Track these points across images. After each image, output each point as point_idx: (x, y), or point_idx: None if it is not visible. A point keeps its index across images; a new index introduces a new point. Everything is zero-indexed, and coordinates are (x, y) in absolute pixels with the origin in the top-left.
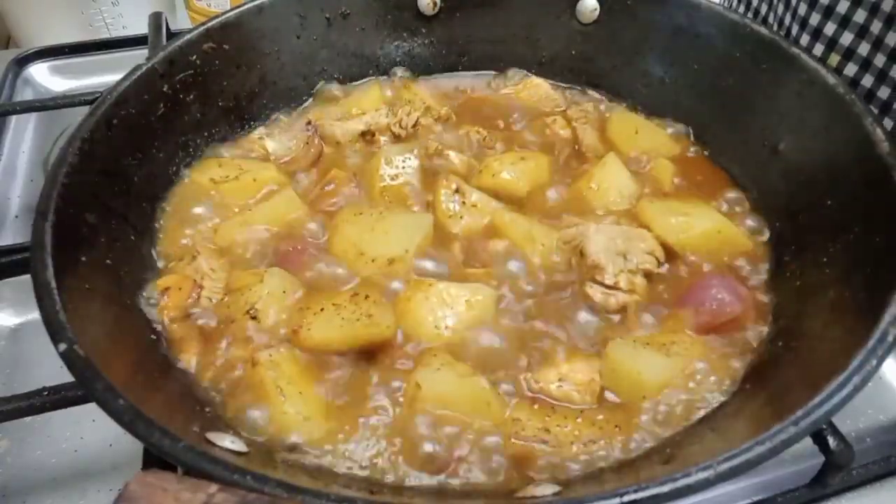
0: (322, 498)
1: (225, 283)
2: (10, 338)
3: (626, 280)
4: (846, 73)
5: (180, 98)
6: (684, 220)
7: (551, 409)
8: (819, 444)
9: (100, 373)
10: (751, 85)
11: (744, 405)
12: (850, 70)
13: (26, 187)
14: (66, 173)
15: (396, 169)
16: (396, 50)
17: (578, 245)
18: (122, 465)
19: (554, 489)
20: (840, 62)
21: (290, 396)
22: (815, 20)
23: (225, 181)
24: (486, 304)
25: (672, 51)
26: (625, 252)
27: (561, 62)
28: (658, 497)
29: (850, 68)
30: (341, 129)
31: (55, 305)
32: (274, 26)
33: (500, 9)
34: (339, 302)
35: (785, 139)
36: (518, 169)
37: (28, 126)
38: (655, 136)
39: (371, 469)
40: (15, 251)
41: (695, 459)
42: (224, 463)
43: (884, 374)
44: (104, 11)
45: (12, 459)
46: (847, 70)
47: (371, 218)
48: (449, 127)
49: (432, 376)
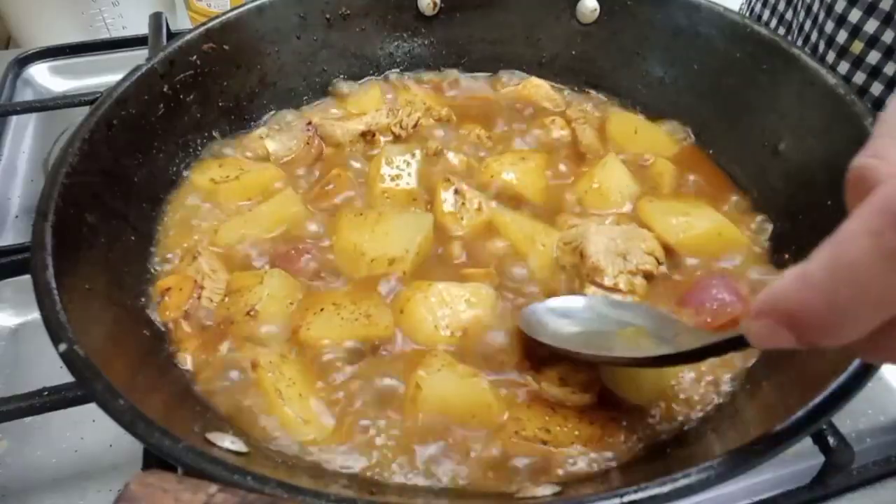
0: (322, 498)
1: (225, 283)
2: (10, 338)
3: (625, 281)
4: (868, 60)
5: (180, 98)
6: (684, 221)
7: (552, 409)
8: (819, 444)
9: (100, 373)
10: (751, 85)
11: (744, 405)
12: (874, 57)
13: (26, 187)
14: (66, 173)
15: (397, 169)
16: (397, 50)
17: (578, 246)
18: (122, 465)
19: (554, 489)
20: (863, 49)
21: (289, 399)
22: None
23: (225, 181)
24: (487, 305)
25: (672, 51)
26: (625, 253)
27: (561, 62)
28: (658, 497)
29: (874, 55)
30: (342, 129)
31: (55, 305)
32: (274, 27)
33: (500, 9)
34: (338, 302)
35: (785, 139)
36: (518, 169)
37: (28, 126)
38: (655, 136)
39: (371, 469)
40: (15, 251)
41: (695, 459)
42: (224, 463)
43: (884, 375)
44: (104, 12)
45: (12, 459)
46: (870, 58)
47: (371, 218)
48: (449, 127)
49: (432, 377)
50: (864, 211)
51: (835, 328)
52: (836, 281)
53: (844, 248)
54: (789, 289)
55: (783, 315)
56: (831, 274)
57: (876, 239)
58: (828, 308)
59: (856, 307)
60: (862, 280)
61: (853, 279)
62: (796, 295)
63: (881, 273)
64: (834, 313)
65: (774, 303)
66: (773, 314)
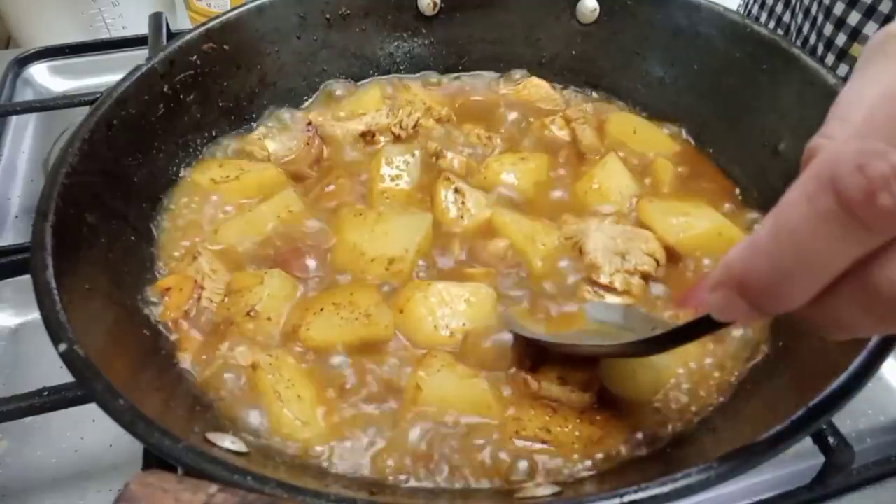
0: (322, 498)
1: (226, 283)
2: (10, 338)
3: (621, 280)
4: None
5: (180, 98)
6: (684, 220)
7: (552, 409)
8: (819, 444)
9: (100, 373)
10: (751, 85)
11: (744, 405)
12: None
13: (26, 187)
14: (66, 173)
15: (397, 169)
16: (397, 50)
17: (578, 242)
18: (122, 465)
19: (554, 489)
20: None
21: (288, 400)
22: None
23: (225, 181)
24: (486, 304)
25: (672, 51)
26: (624, 252)
27: (561, 62)
28: (658, 497)
29: None
30: (342, 129)
31: (55, 305)
32: (274, 27)
33: (500, 9)
34: (338, 302)
35: (785, 139)
36: (518, 169)
37: (28, 126)
38: (655, 135)
39: (371, 469)
40: (15, 251)
41: (695, 459)
42: (224, 463)
43: (884, 374)
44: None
45: (12, 459)
46: None
47: (371, 218)
48: (449, 127)
49: (432, 378)
50: (803, 178)
51: (782, 292)
52: (779, 245)
53: (786, 214)
54: (739, 257)
55: (735, 282)
56: (774, 238)
57: (812, 203)
58: (773, 271)
59: (799, 269)
60: (802, 242)
61: (794, 241)
62: (744, 262)
63: (819, 235)
64: (779, 276)
65: (727, 270)
66: (727, 282)
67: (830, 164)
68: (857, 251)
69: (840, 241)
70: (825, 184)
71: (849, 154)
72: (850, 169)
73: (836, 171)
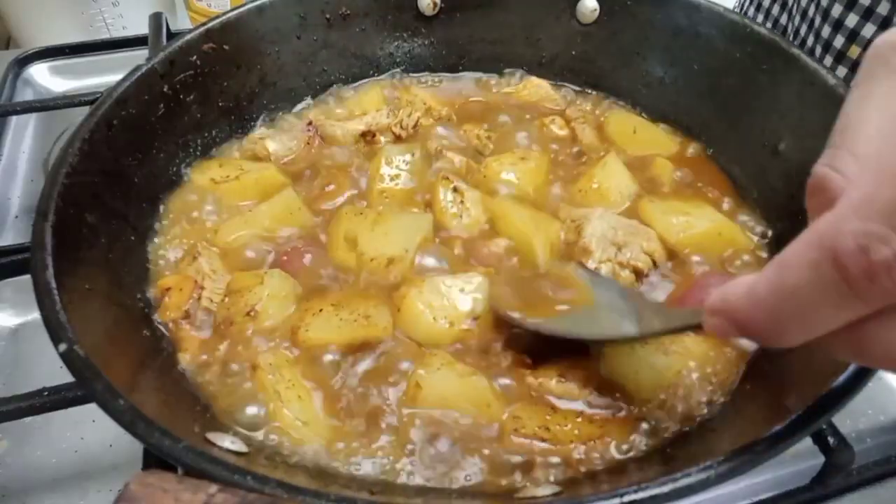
0: (322, 498)
1: (226, 283)
2: (10, 338)
3: (608, 270)
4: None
5: (180, 98)
6: (684, 220)
7: (552, 408)
8: (819, 444)
9: (100, 373)
10: (751, 85)
11: (744, 405)
12: None
13: (26, 187)
14: (66, 173)
15: (396, 169)
16: (397, 50)
17: (580, 225)
18: (122, 465)
19: (554, 489)
20: (861, 54)
21: (288, 400)
22: (837, 11)
23: (225, 181)
24: (481, 291)
25: (672, 51)
26: (622, 244)
27: (561, 62)
28: (658, 497)
29: None
30: (342, 129)
31: (55, 305)
32: (274, 27)
33: (500, 9)
34: (337, 302)
35: (785, 139)
36: (518, 169)
37: (28, 126)
38: (655, 135)
39: (371, 469)
40: (15, 251)
41: (695, 459)
42: (224, 463)
43: (884, 374)
44: (104, 12)
45: (12, 459)
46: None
47: (371, 218)
48: (449, 127)
49: (432, 376)
50: (808, 238)
51: (777, 337)
52: (778, 300)
53: (787, 273)
54: (738, 303)
55: (733, 320)
56: (775, 294)
57: (814, 269)
58: (770, 322)
59: (795, 324)
60: (800, 303)
61: (793, 301)
62: (744, 309)
63: (816, 300)
64: (776, 326)
65: (725, 310)
66: (726, 317)
67: (834, 238)
68: (851, 316)
69: (836, 308)
70: (827, 254)
71: (852, 234)
72: (854, 249)
73: (839, 247)
